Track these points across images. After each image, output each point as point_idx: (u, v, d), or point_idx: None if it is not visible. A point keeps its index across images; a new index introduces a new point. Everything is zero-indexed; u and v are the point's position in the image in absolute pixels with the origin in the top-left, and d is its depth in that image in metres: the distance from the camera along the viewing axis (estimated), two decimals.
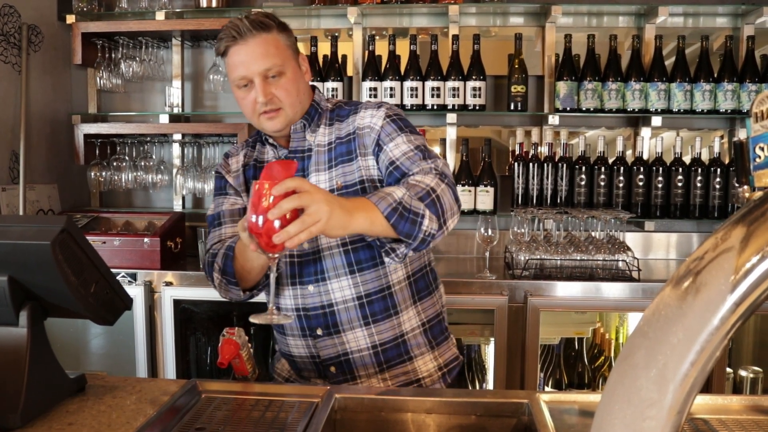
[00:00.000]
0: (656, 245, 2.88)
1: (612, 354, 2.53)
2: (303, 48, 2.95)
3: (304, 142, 1.51)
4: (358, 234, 1.24)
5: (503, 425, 1.24)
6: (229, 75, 1.46)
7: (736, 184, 2.61)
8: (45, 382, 1.19)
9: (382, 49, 2.83)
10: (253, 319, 1.19)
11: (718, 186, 2.64)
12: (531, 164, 2.71)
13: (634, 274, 2.38)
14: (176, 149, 3.01)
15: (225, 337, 1.34)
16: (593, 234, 2.52)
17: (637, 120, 2.87)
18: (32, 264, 1.11)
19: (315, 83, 2.76)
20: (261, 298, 1.58)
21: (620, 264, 2.42)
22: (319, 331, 1.49)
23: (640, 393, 0.43)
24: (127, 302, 1.31)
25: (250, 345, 1.40)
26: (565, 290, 2.37)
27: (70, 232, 1.12)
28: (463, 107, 2.74)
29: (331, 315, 1.47)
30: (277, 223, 1.09)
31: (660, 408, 0.42)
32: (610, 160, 2.70)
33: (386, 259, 1.34)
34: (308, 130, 1.50)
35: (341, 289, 1.46)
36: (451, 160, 2.83)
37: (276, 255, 1.16)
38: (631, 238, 2.77)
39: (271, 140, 1.54)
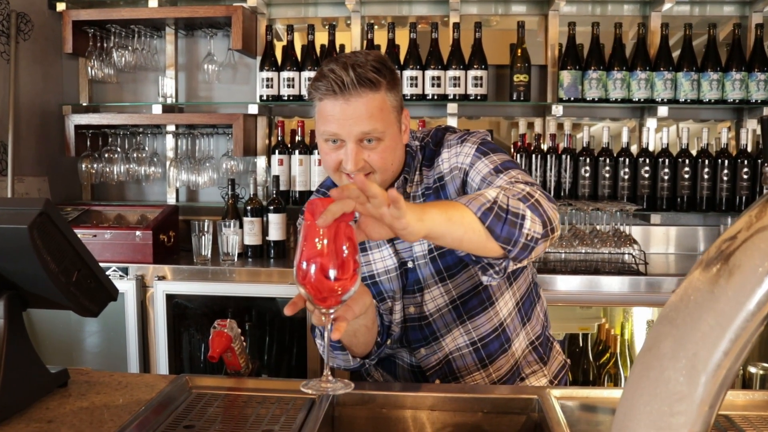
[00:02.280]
0: (662, 238, 2.81)
1: (617, 350, 2.47)
2: (299, 38, 2.89)
3: (404, 194, 1.35)
4: (431, 239, 1.05)
5: (512, 423, 1.18)
6: (317, 123, 1.26)
7: (759, 163, 2.55)
8: (23, 377, 1.12)
9: (380, 38, 2.77)
10: (304, 388, 1.00)
11: (725, 178, 2.58)
12: (534, 156, 2.65)
13: (641, 268, 2.32)
14: (170, 140, 2.94)
15: (216, 330, 1.28)
16: (598, 227, 2.46)
17: (642, 111, 2.81)
18: (9, 250, 1.05)
19: (313, 71, 2.69)
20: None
21: (626, 257, 2.36)
22: (437, 381, 1.41)
23: (667, 386, 0.40)
24: (113, 292, 1.24)
25: (243, 338, 1.33)
26: (570, 284, 2.31)
27: (50, 215, 1.05)
28: (464, 97, 2.67)
29: (447, 365, 1.40)
30: (332, 273, 0.92)
31: (690, 402, 0.39)
32: (615, 152, 2.64)
33: (483, 278, 1.15)
34: (408, 183, 1.36)
35: (454, 339, 1.38)
36: None
37: (331, 311, 0.98)
38: (637, 231, 2.71)
39: None
